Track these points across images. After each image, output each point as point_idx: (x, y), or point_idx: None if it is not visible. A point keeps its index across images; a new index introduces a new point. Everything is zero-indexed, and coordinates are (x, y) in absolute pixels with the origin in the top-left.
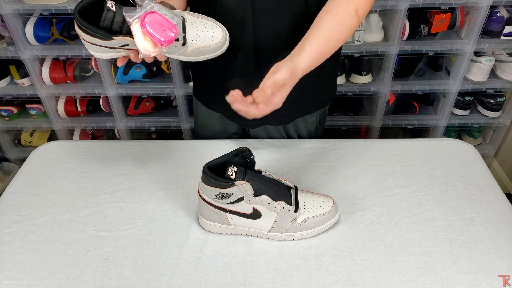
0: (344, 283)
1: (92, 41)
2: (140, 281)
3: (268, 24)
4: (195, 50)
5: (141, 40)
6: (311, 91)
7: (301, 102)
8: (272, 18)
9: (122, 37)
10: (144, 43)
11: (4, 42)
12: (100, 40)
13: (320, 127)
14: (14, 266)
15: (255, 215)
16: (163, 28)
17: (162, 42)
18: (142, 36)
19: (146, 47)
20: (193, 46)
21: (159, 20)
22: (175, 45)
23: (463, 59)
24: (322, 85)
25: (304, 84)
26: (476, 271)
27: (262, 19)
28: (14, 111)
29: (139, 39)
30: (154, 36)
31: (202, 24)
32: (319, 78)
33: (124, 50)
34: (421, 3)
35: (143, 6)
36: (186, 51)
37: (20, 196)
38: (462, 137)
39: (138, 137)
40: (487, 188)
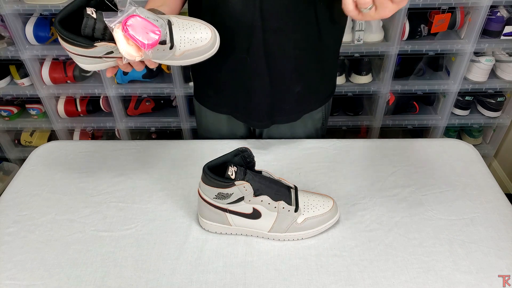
0: (344, 283)
1: (76, 51)
2: (140, 281)
3: (277, 26)
4: (184, 53)
5: (124, 45)
6: (317, 86)
7: (308, 97)
8: (280, 19)
9: (104, 43)
10: (127, 47)
11: (4, 42)
12: (83, 49)
13: (325, 124)
14: (14, 266)
15: (255, 215)
16: (145, 31)
17: (146, 45)
18: (125, 41)
19: (130, 52)
20: (181, 49)
21: (142, 23)
22: (162, 49)
23: (463, 59)
24: (327, 78)
25: (310, 79)
26: (476, 271)
27: (270, 21)
28: (14, 111)
29: (122, 44)
30: (136, 39)
31: (190, 26)
32: (324, 72)
33: (111, 59)
34: (421, 3)
35: (124, 10)
36: (174, 54)
37: (20, 196)
38: (462, 137)
39: (138, 137)
40: (487, 188)
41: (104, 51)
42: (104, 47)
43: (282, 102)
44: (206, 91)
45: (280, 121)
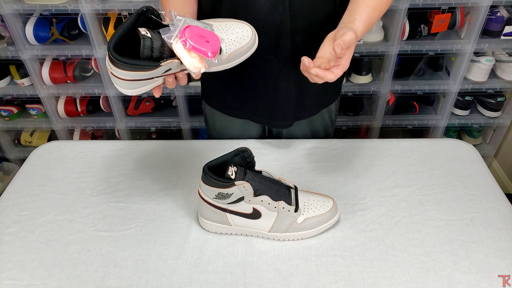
0: (344, 283)
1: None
2: (140, 281)
3: (303, 25)
4: (230, 56)
5: (187, 58)
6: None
7: (325, 92)
8: (306, 19)
9: (168, 61)
10: (191, 60)
11: (4, 42)
12: (144, 73)
13: (336, 116)
14: (14, 266)
15: (255, 215)
16: (206, 40)
17: (210, 54)
18: (187, 53)
19: (195, 64)
20: (228, 51)
21: (199, 33)
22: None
23: (463, 59)
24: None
25: None
26: (476, 271)
27: (299, 21)
28: (14, 111)
29: (185, 57)
30: (200, 50)
31: (229, 27)
32: None
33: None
34: (421, 3)
35: (175, 24)
36: (222, 59)
37: (20, 196)
38: (462, 137)
39: (138, 137)
40: (487, 188)
41: (165, 69)
42: (168, 65)
43: (305, 99)
44: (223, 95)
45: (302, 117)
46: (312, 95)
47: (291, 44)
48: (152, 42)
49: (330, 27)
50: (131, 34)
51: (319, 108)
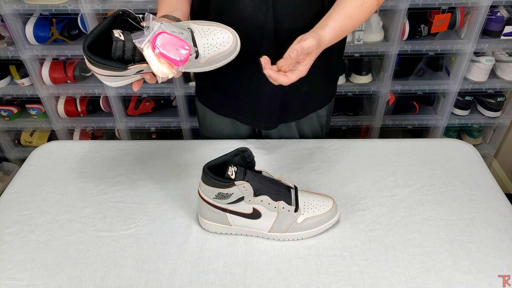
0: (344, 283)
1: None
2: (140, 281)
3: (288, 27)
4: (208, 60)
5: (156, 64)
6: (322, 85)
7: (313, 96)
8: (291, 20)
9: (137, 65)
10: (159, 66)
11: (4, 42)
12: (115, 72)
13: (329, 121)
14: (14, 266)
15: (255, 215)
16: (175, 48)
17: (178, 62)
18: (156, 60)
19: (163, 70)
20: (206, 56)
21: (170, 40)
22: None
23: (463, 59)
24: (332, 78)
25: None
26: (476, 271)
27: (282, 22)
28: (14, 111)
29: (154, 63)
30: (168, 57)
31: (211, 32)
32: (329, 72)
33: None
34: (421, 3)
35: (150, 28)
36: (199, 62)
37: (20, 196)
38: (462, 137)
39: (138, 137)
40: (487, 188)
41: (136, 71)
42: (137, 68)
43: (290, 102)
44: (211, 93)
45: (287, 120)
46: (298, 98)
47: (274, 45)
48: (124, 44)
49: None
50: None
51: (306, 113)
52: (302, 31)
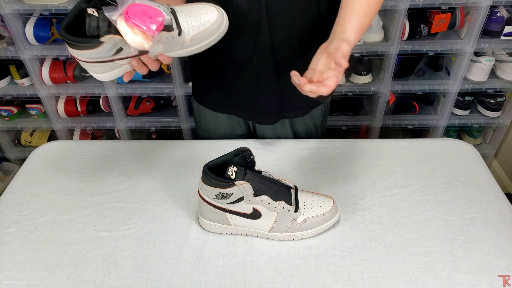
0: (344, 283)
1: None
2: (140, 281)
3: (283, 23)
4: (194, 38)
5: (130, 35)
6: None
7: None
8: (285, 17)
9: (109, 36)
10: (134, 37)
11: (4, 42)
12: (91, 51)
13: (325, 122)
14: (14, 266)
15: (255, 215)
16: (148, 16)
17: (150, 29)
18: (130, 30)
19: (138, 40)
20: (190, 33)
21: (142, 9)
22: (171, 37)
23: (463, 59)
24: None
25: None
26: (476, 271)
27: (276, 19)
28: (14, 111)
29: (128, 34)
30: (140, 25)
31: (194, 9)
32: None
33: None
34: (421, 3)
35: (123, 2)
36: (184, 41)
37: (20, 196)
38: (462, 137)
39: (138, 137)
40: (487, 188)
41: (113, 48)
42: (112, 42)
43: (290, 97)
44: (208, 91)
45: (288, 116)
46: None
47: (269, 41)
48: (98, 21)
49: (312, 25)
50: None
51: (307, 110)
52: (297, 27)
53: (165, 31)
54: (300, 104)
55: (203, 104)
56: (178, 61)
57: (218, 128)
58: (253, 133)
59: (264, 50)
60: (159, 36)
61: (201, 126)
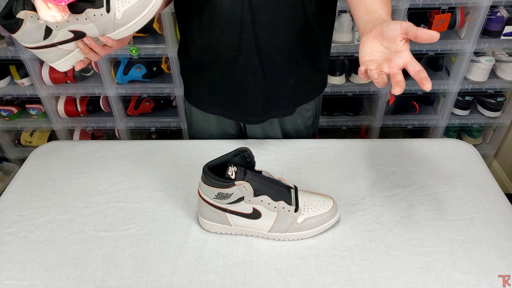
0: (344, 283)
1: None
2: (140, 281)
3: (267, 20)
4: (125, 14)
5: (44, 9)
6: (310, 77)
7: (302, 90)
8: (269, 13)
9: (23, 11)
10: (47, 10)
11: (4, 42)
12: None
13: (316, 122)
14: (14, 266)
15: (255, 215)
16: None
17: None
18: (45, 6)
19: (51, 13)
20: (120, 9)
21: None
22: (100, 14)
23: (463, 59)
24: (319, 69)
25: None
26: (476, 271)
27: (260, 15)
28: (14, 111)
29: (42, 8)
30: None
31: None
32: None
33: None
34: (421, 3)
35: None
36: (116, 18)
37: (20, 196)
38: (462, 137)
39: (138, 137)
40: (487, 188)
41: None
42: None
43: (277, 96)
44: (197, 91)
45: (275, 115)
46: (286, 93)
47: (254, 39)
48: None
49: (297, 24)
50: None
51: (295, 108)
52: (281, 24)
53: (92, 9)
54: (287, 102)
55: (193, 103)
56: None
57: (209, 128)
58: (244, 133)
59: (249, 47)
60: (86, 14)
61: (193, 126)
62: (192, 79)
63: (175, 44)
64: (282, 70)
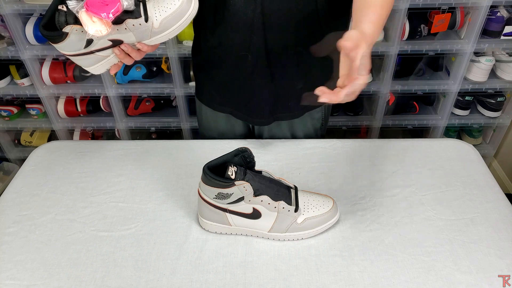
0: (344, 283)
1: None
2: (140, 281)
3: (278, 23)
4: (162, 23)
5: (90, 24)
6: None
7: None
8: (281, 17)
9: (69, 26)
10: (93, 25)
11: (4, 42)
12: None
13: (325, 124)
14: (14, 266)
15: (255, 215)
16: (105, 4)
17: (107, 14)
18: (90, 19)
19: (97, 28)
20: (158, 19)
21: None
22: (138, 23)
23: (463, 59)
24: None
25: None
26: (476, 271)
27: (271, 18)
28: (14, 111)
29: (88, 23)
30: (97, 13)
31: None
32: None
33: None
34: (421, 3)
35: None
36: (153, 27)
37: (20, 196)
38: (462, 137)
39: (138, 137)
40: (487, 188)
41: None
42: (75, 33)
43: (285, 99)
44: (208, 89)
45: (282, 118)
46: (293, 96)
47: (264, 41)
48: (66, 16)
49: (308, 28)
50: None
51: (302, 111)
52: (293, 28)
53: (131, 19)
54: (295, 105)
55: (203, 102)
56: (178, 61)
57: (218, 126)
58: (252, 132)
59: (258, 49)
60: (126, 24)
61: (203, 124)
62: (203, 77)
63: (175, 44)
64: (291, 73)
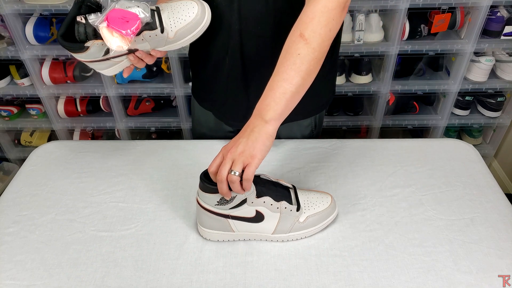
0: (344, 283)
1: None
2: (140, 281)
3: (254, 31)
4: (177, 34)
5: (110, 38)
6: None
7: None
8: (257, 25)
9: (92, 41)
10: (113, 40)
11: (4, 42)
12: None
13: (316, 131)
14: (14, 266)
15: (258, 218)
16: (125, 20)
17: (128, 32)
18: (110, 34)
19: (117, 43)
20: (173, 29)
21: (120, 14)
22: (155, 34)
23: (463, 59)
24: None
25: None
26: (476, 271)
27: (248, 25)
28: (14, 111)
29: (108, 37)
30: (117, 29)
31: (176, 6)
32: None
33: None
34: (421, 3)
35: (106, 8)
36: (168, 37)
37: (20, 196)
38: (462, 137)
39: (138, 137)
40: (487, 188)
41: (101, 50)
42: (96, 46)
43: None
44: (196, 84)
45: None
46: None
47: (240, 47)
48: (85, 27)
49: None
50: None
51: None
52: (270, 36)
53: (147, 30)
54: None
55: (194, 96)
56: (178, 61)
57: (208, 122)
58: None
59: (235, 54)
60: (143, 35)
61: (194, 119)
62: (194, 73)
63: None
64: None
